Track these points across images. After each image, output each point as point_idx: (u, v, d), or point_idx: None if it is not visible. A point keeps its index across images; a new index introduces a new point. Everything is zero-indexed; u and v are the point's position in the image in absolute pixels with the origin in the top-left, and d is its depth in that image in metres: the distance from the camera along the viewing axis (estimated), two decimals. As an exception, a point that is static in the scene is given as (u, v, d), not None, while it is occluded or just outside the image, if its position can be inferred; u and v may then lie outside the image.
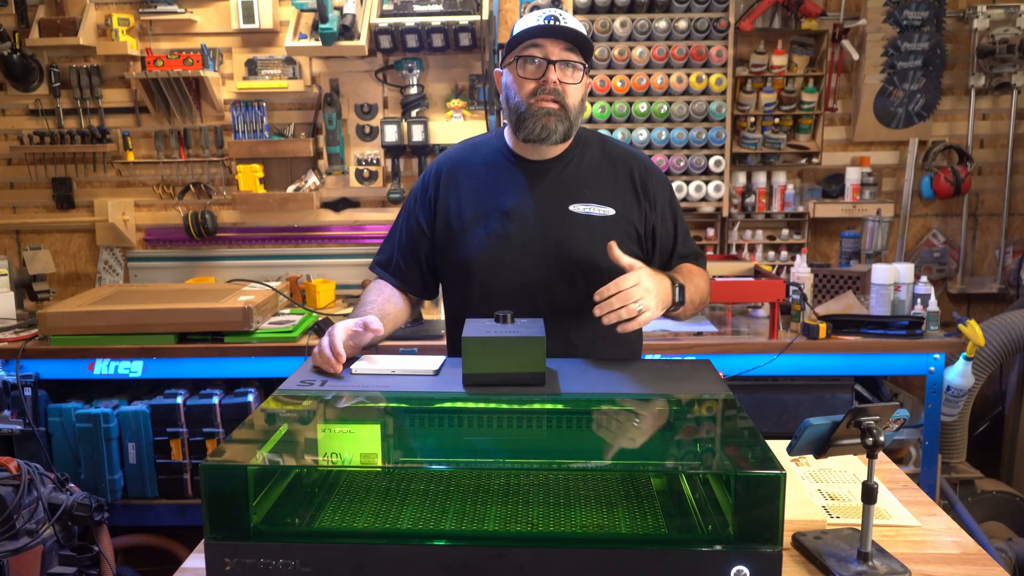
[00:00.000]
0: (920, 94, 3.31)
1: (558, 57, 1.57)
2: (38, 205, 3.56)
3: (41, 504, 2.12)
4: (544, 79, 1.57)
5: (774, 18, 3.25)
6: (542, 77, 1.57)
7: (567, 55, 1.58)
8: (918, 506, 1.45)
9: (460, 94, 3.34)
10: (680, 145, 3.22)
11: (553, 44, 1.57)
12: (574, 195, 1.66)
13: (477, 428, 1.36)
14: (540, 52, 1.57)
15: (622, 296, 1.43)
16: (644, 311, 1.44)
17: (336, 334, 1.50)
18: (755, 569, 1.03)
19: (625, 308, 1.43)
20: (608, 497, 1.20)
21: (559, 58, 1.57)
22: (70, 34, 3.24)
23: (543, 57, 1.57)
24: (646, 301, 1.44)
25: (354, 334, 1.53)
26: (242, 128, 3.38)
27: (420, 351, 2.59)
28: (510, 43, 1.61)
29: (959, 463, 3.07)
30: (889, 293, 2.72)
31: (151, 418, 2.60)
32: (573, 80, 1.59)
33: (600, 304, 1.44)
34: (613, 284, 1.44)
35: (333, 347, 1.47)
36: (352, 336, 1.53)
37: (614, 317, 1.44)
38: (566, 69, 1.58)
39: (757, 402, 2.67)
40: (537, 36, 1.56)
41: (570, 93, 1.59)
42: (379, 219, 3.50)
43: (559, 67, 1.57)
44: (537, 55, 1.57)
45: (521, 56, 1.58)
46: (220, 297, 2.73)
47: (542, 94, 1.57)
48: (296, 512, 1.19)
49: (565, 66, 1.58)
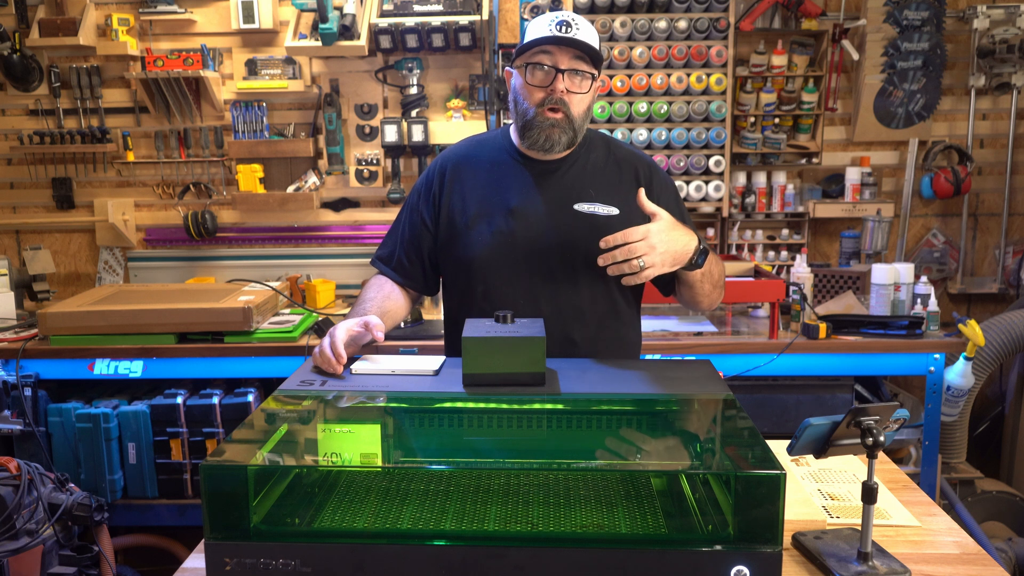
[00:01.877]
0: (920, 94, 3.31)
1: (567, 66, 1.57)
2: (38, 205, 3.56)
3: (41, 504, 2.12)
4: (552, 88, 1.57)
5: (774, 18, 3.25)
6: (550, 86, 1.58)
7: (576, 64, 1.58)
8: (918, 506, 1.45)
9: (460, 94, 3.34)
10: (680, 145, 3.22)
11: (563, 52, 1.57)
12: (579, 195, 1.66)
13: (477, 428, 1.36)
14: (550, 60, 1.57)
15: (626, 249, 1.44)
16: (648, 267, 1.45)
17: (337, 335, 1.50)
18: (755, 569, 1.03)
19: (627, 263, 1.44)
20: (608, 497, 1.20)
21: (568, 67, 1.57)
22: (70, 34, 3.24)
23: (552, 65, 1.57)
24: (650, 258, 1.45)
25: (355, 335, 1.54)
26: (242, 128, 3.38)
27: (420, 351, 2.59)
28: (522, 46, 1.61)
29: (959, 463, 3.07)
30: (889, 293, 2.72)
31: (151, 418, 2.60)
32: (581, 89, 1.59)
33: (604, 254, 1.45)
34: (621, 235, 1.45)
35: (334, 348, 1.47)
36: (353, 337, 1.53)
37: (615, 270, 1.46)
38: (574, 78, 1.58)
39: (757, 402, 2.67)
40: (548, 44, 1.56)
41: (576, 102, 1.60)
42: (379, 219, 3.50)
43: (567, 76, 1.57)
44: (547, 63, 1.57)
45: (530, 63, 1.59)
46: (220, 297, 2.73)
47: (549, 104, 1.58)
48: (296, 512, 1.19)
49: (574, 75, 1.58)
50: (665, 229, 1.48)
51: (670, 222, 1.50)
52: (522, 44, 1.60)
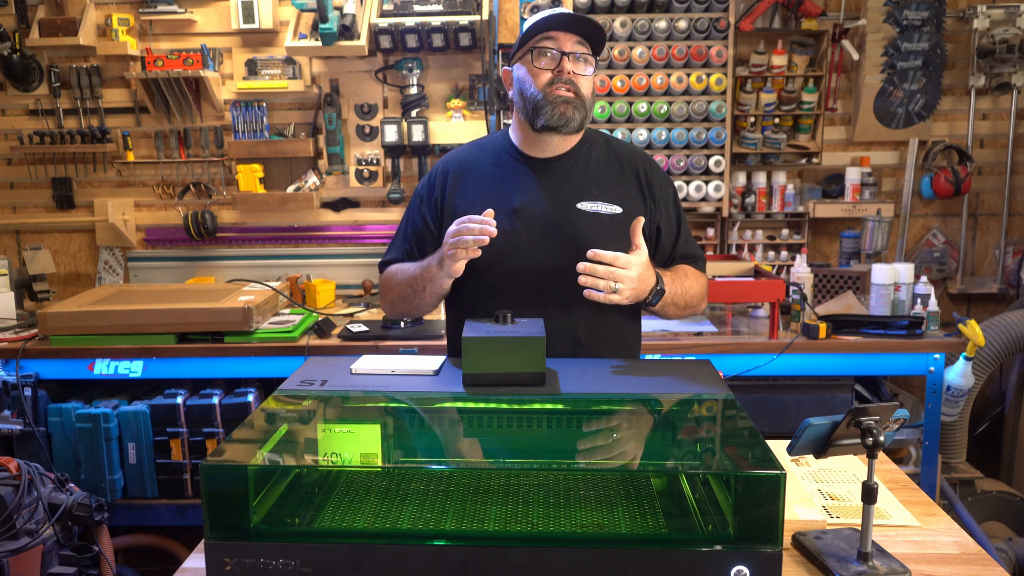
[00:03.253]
0: (920, 94, 3.31)
1: (571, 49, 1.61)
2: (38, 205, 3.56)
3: (41, 504, 2.12)
4: (559, 69, 1.61)
5: (774, 18, 3.25)
6: (557, 67, 1.61)
7: (580, 48, 1.62)
8: (918, 506, 1.45)
9: (460, 94, 3.34)
10: (680, 145, 3.21)
11: (567, 36, 1.61)
12: (582, 193, 1.67)
13: (477, 428, 1.36)
14: (554, 44, 1.61)
15: (609, 272, 1.49)
16: (617, 295, 1.51)
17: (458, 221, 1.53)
18: (755, 569, 1.03)
19: (604, 282, 1.49)
20: (608, 497, 1.20)
21: (572, 50, 1.61)
22: (70, 34, 3.24)
23: (557, 48, 1.61)
24: (624, 287, 1.51)
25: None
26: (242, 128, 3.38)
27: (420, 351, 2.59)
28: (523, 37, 1.64)
29: (959, 463, 3.07)
30: (889, 293, 2.72)
31: (151, 418, 2.59)
32: (585, 72, 1.63)
33: (586, 265, 1.49)
34: (612, 257, 1.49)
35: (469, 218, 1.50)
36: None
37: (590, 282, 1.50)
38: (578, 62, 1.62)
39: (757, 402, 2.67)
40: (551, 27, 1.60)
41: (583, 84, 1.63)
42: (379, 219, 3.51)
43: (572, 59, 1.61)
44: (551, 47, 1.61)
45: (535, 48, 1.62)
46: (220, 297, 2.73)
47: (558, 83, 1.61)
48: (296, 512, 1.19)
49: (578, 58, 1.62)
50: (644, 265, 1.55)
51: (647, 261, 1.57)
52: (523, 33, 1.63)
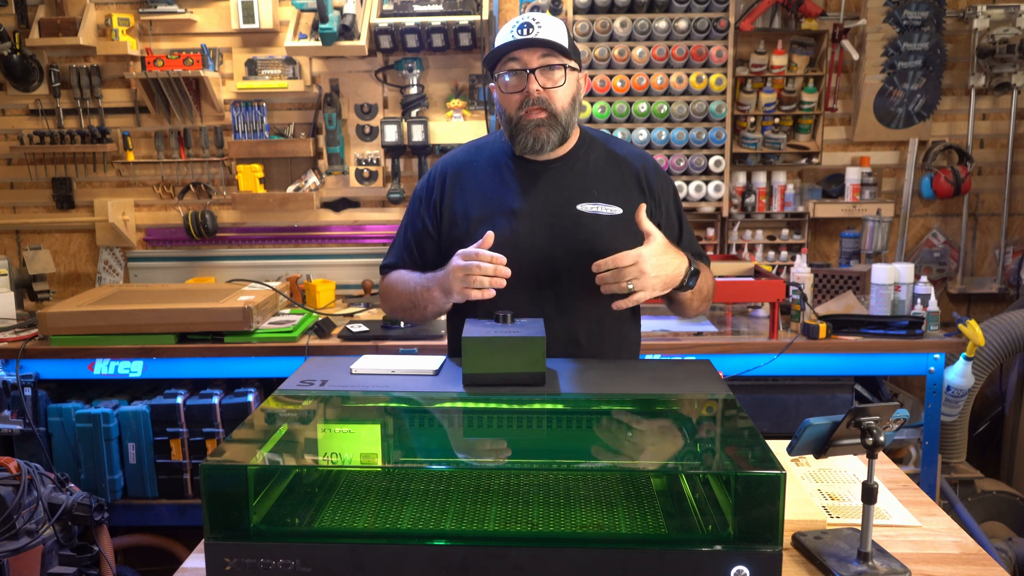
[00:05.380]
0: (920, 94, 3.31)
1: (537, 64, 1.57)
2: (38, 205, 3.56)
3: (41, 504, 2.12)
4: (527, 90, 1.58)
5: (774, 18, 3.25)
6: (524, 88, 1.58)
7: (546, 60, 1.58)
8: (918, 506, 1.45)
9: (460, 94, 3.34)
10: (680, 145, 3.21)
11: (530, 53, 1.57)
12: (582, 194, 1.67)
13: (477, 428, 1.36)
14: (518, 64, 1.58)
15: (615, 274, 1.47)
16: (638, 291, 1.48)
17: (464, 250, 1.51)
18: (755, 569, 1.03)
19: (617, 284, 1.47)
20: (608, 497, 1.20)
21: (538, 65, 1.57)
22: (70, 34, 3.24)
23: (521, 68, 1.58)
24: (641, 282, 1.47)
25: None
26: (242, 128, 3.38)
27: (420, 351, 2.59)
28: (491, 61, 1.62)
29: (959, 463, 3.07)
30: (889, 293, 2.72)
31: (151, 418, 2.59)
32: (556, 83, 1.59)
33: (598, 275, 1.48)
34: (612, 260, 1.47)
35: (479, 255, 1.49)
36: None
37: (607, 290, 1.49)
38: (548, 73, 1.58)
39: (757, 402, 2.67)
40: (511, 50, 1.57)
41: (557, 97, 1.59)
42: (379, 219, 3.51)
43: (540, 74, 1.58)
44: (515, 67, 1.58)
45: (501, 72, 1.60)
46: (220, 297, 2.73)
47: (528, 106, 1.58)
48: (296, 512, 1.19)
49: (545, 70, 1.58)
50: (657, 253, 1.49)
51: (662, 245, 1.52)
52: (490, 55, 1.61)
